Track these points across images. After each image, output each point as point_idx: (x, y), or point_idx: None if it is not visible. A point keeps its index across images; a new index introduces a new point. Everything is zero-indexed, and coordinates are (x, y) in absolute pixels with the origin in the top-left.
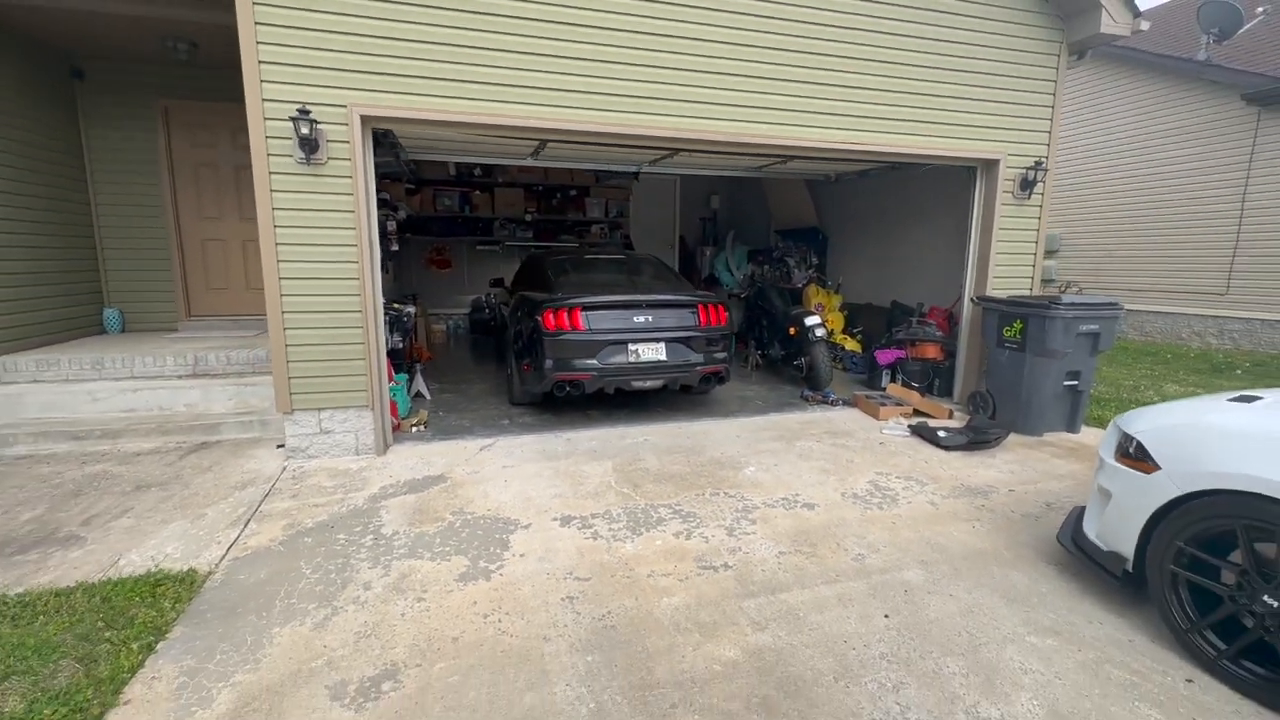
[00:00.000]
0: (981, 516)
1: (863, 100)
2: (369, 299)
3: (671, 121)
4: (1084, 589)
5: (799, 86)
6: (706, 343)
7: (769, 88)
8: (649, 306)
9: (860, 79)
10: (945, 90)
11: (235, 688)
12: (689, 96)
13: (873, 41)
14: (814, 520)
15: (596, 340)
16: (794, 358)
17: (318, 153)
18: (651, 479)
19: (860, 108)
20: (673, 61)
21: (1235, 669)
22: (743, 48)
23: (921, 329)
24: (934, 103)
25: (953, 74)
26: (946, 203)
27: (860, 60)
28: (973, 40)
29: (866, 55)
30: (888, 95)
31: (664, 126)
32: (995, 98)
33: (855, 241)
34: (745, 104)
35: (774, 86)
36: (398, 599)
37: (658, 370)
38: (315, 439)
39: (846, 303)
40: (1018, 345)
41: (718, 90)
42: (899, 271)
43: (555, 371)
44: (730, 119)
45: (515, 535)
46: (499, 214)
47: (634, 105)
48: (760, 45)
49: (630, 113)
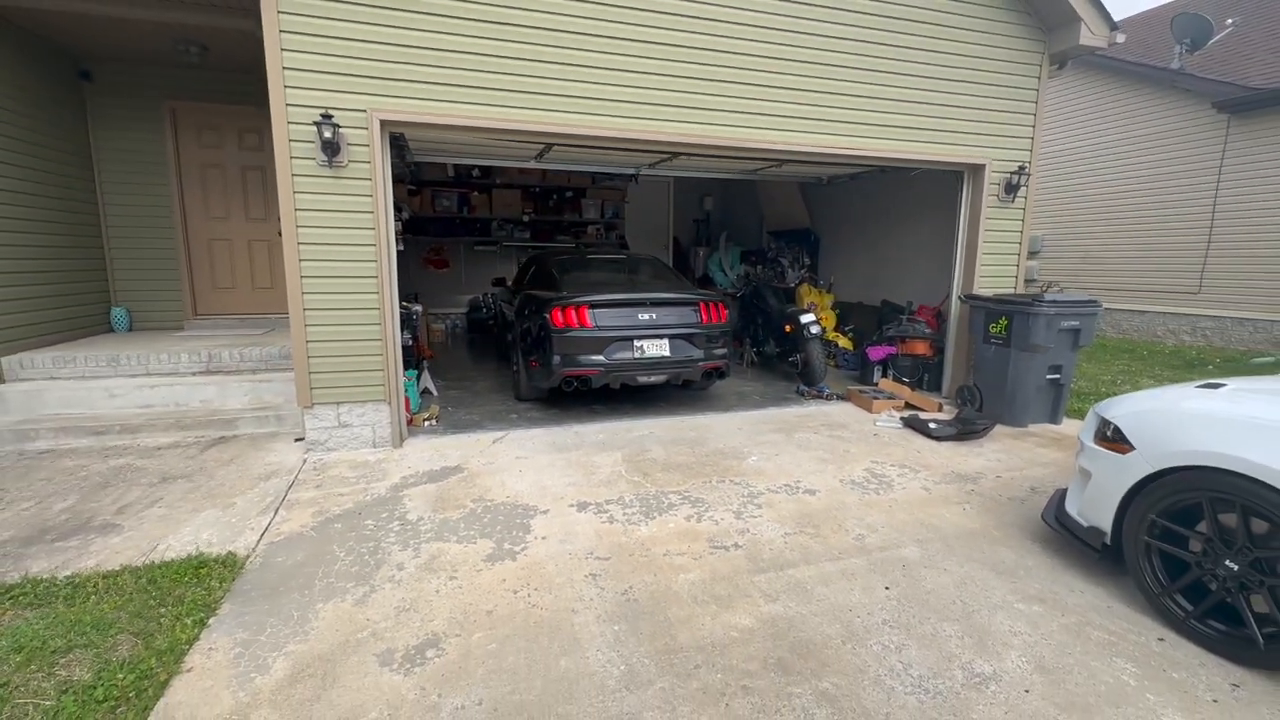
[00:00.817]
0: (971, 500)
1: (856, 107)
2: (386, 296)
3: (674, 126)
4: (1067, 562)
5: (796, 94)
6: (708, 339)
7: (768, 95)
8: (653, 304)
9: (854, 87)
10: (933, 98)
11: (289, 656)
12: (692, 103)
13: (866, 51)
14: (816, 504)
15: (603, 337)
16: (789, 354)
17: (339, 155)
18: (660, 468)
19: (853, 114)
20: (677, 70)
21: (1201, 627)
22: (743, 56)
23: (911, 326)
24: (923, 110)
25: (940, 82)
26: (935, 205)
27: (854, 69)
28: (959, 50)
29: (860, 64)
30: (879, 103)
31: (667, 131)
32: (981, 105)
33: (847, 242)
34: (745, 110)
35: (773, 94)
36: (430, 578)
37: (662, 366)
38: (334, 432)
39: (838, 301)
40: (1003, 341)
41: (719, 97)
42: (889, 271)
43: (564, 367)
44: (730, 124)
45: (535, 520)
46: (497, 214)
47: (639, 111)
48: (760, 55)
49: (635, 118)
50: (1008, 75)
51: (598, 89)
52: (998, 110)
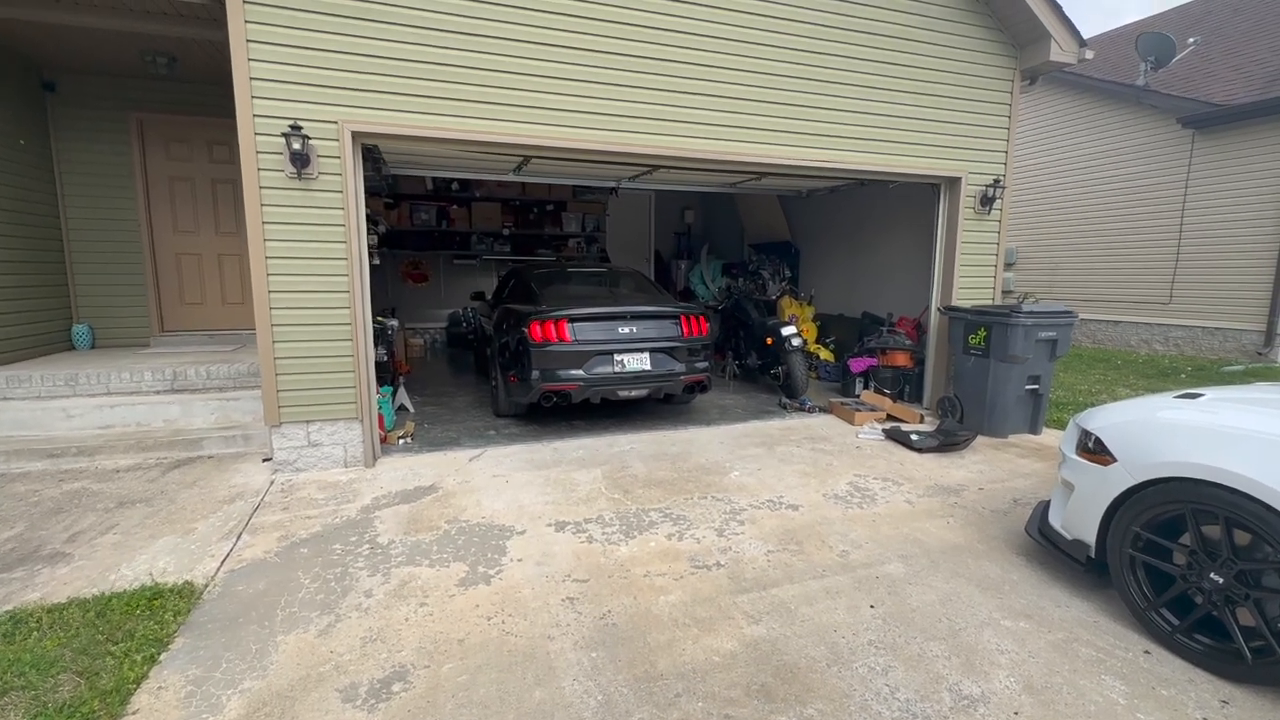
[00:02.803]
0: (955, 513)
1: (833, 120)
2: (358, 311)
3: (652, 139)
4: (1052, 576)
5: (773, 107)
6: (689, 352)
7: (745, 108)
8: (634, 318)
9: (832, 100)
10: (910, 112)
11: (244, 694)
12: (669, 116)
13: (842, 66)
14: (799, 520)
15: (583, 351)
16: (771, 367)
17: (309, 167)
18: (640, 484)
19: (831, 127)
20: (654, 83)
21: (1188, 641)
22: (721, 69)
23: (892, 338)
24: (899, 123)
25: (917, 96)
26: (913, 218)
27: (831, 84)
28: (934, 65)
29: (837, 79)
30: (857, 116)
31: (644, 145)
32: (956, 119)
33: (827, 254)
34: (722, 123)
35: (750, 107)
36: (400, 605)
37: (643, 380)
38: (304, 452)
39: (819, 313)
40: (982, 352)
41: (697, 110)
42: (869, 283)
43: (542, 382)
44: (708, 137)
45: (511, 541)
46: (476, 228)
47: (616, 124)
48: (737, 69)
49: (612, 130)
50: (982, 90)
51: (574, 101)
52: (972, 124)
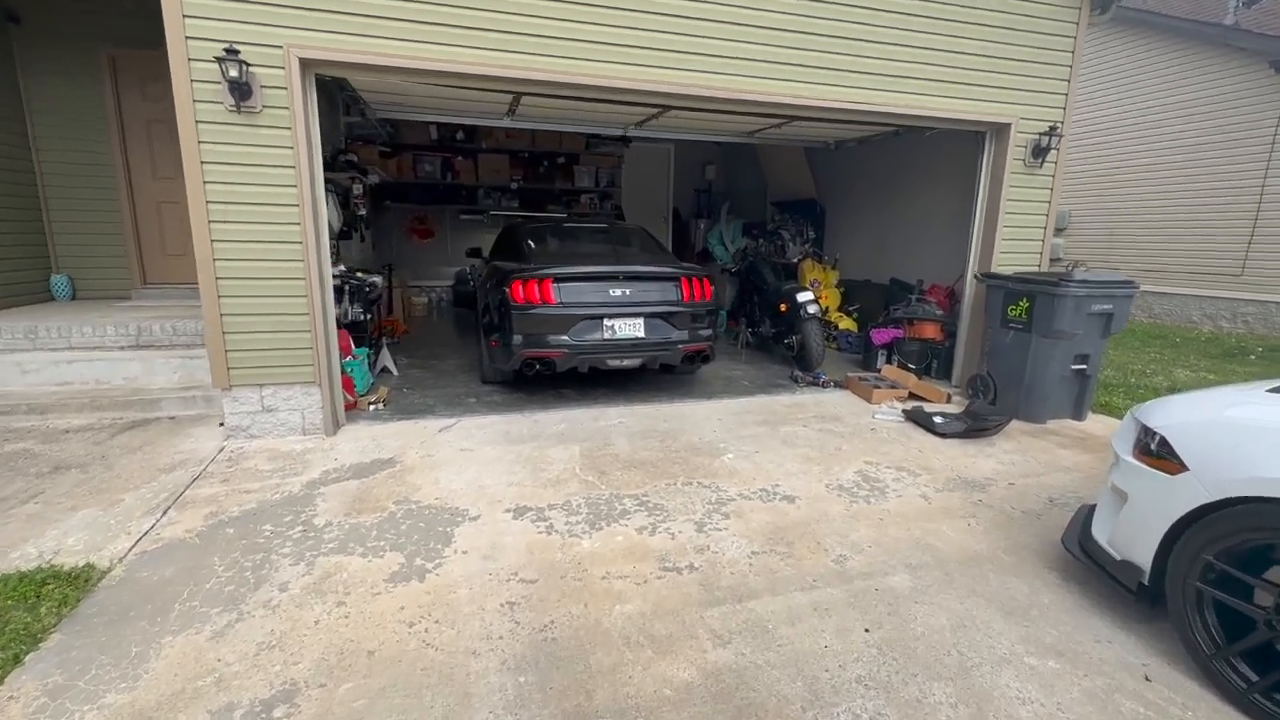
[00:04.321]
0: (978, 513)
1: (866, 55)
2: (314, 265)
3: (657, 74)
4: (1091, 601)
5: (799, 38)
6: (691, 319)
7: (769, 39)
8: (627, 279)
9: (863, 30)
10: (955, 45)
11: (102, 711)
12: (678, 46)
13: None
14: (793, 515)
15: (569, 314)
16: (785, 336)
17: (250, 99)
18: (620, 466)
19: (863, 63)
20: (659, 6)
21: (1268, 704)
22: None
23: (920, 307)
24: (943, 59)
25: (963, 27)
26: (951, 173)
27: (862, 9)
28: None
29: (874, 4)
30: (893, 50)
31: (649, 80)
32: (1008, 55)
33: (854, 214)
34: (739, 56)
35: (774, 38)
36: (315, 603)
37: (636, 349)
38: (257, 418)
39: (843, 279)
40: (1023, 325)
41: (710, 40)
42: (899, 246)
43: (524, 348)
44: (723, 72)
45: (461, 529)
46: (483, 181)
47: (615, 55)
48: None
49: (611, 63)
50: (1041, 20)
51: (570, 27)
52: (1028, 61)
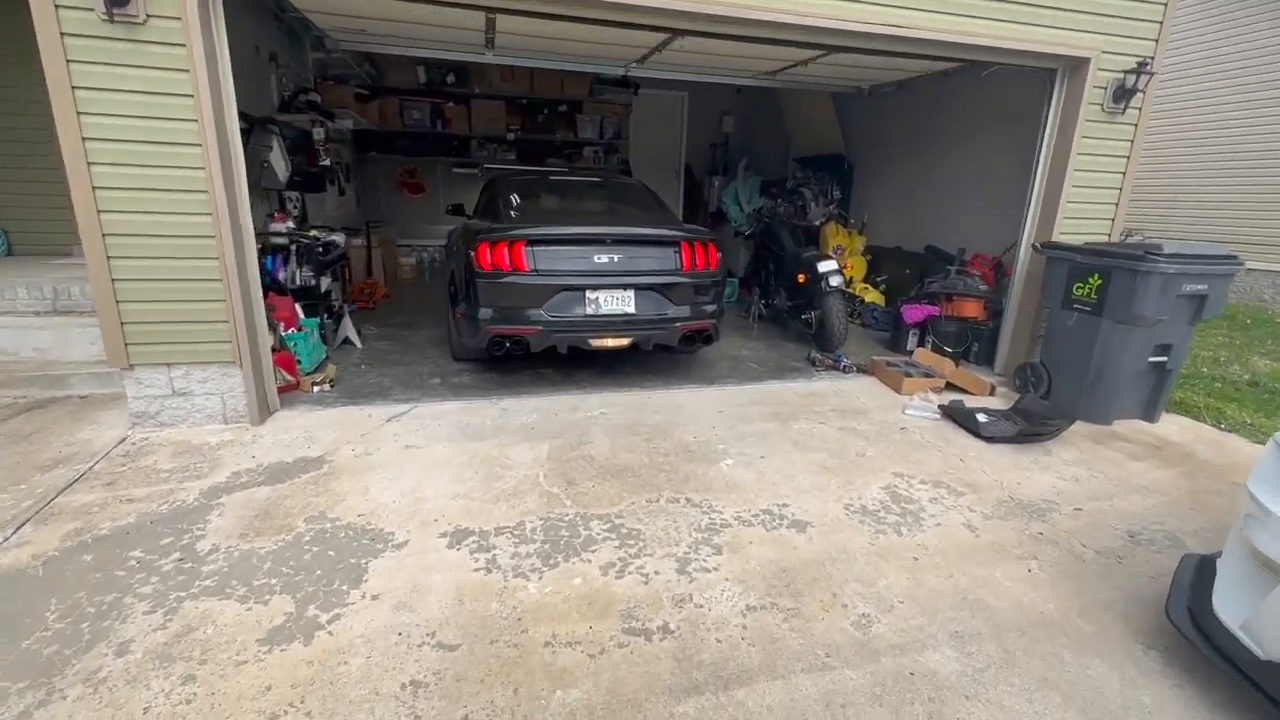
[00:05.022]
0: (1040, 551)
1: None
2: (224, 219)
3: None
4: (1213, 702)
5: None
6: (692, 291)
7: None
8: (616, 243)
9: None
10: None
11: None
12: None
13: None
14: (803, 550)
15: (544, 285)
16: (803, 310)
17: (127, 6)
18: (594, 473)
19: None
20: None
21: None
22: None
23: (961, 281)
24: None
25: None
26: (1006, 123)
27: None
28: None
29: None
30: None
31: None
32: None
33: (886, 172)
34: None
35: None
36: (155, 676)
37: (624, 326)
38: (167, 403)
39: (871, 245)
40: (1092, 307)
41: None
42: (938, 210)
43: (491, 324)
44: None
45: (379, 561)
46: (477, 131)
47: None
48: None
49: None
50: None
51: None
52: None
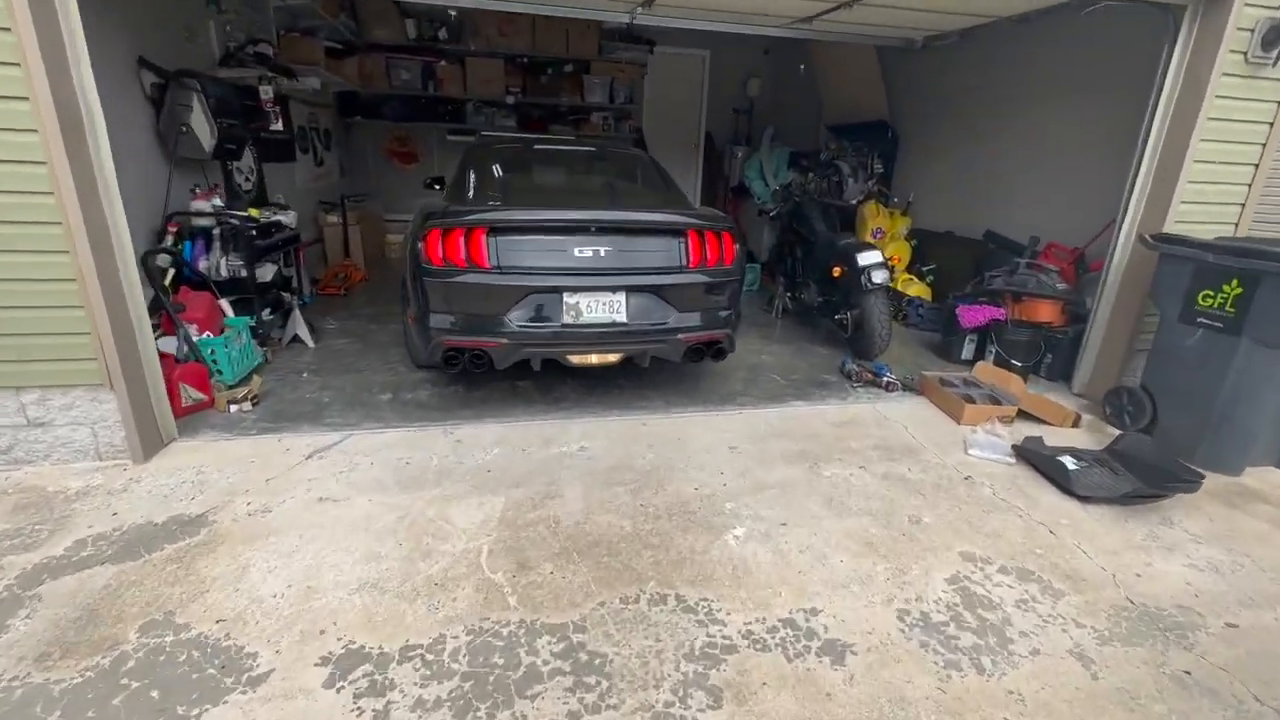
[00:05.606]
0: (1196, 713)
1: None
2: (70, 199)
3: None
4: None
5: None
6: (706, 291)
7: None
8: (604, 231)
9: None
10: None
11: None
12: None
13: None
14: (841, 699)
15: (508, 285)
16: (837, 308)
17: None
18: (557, 548)
19: None
20: None
21: None
22: None
23: (1034, 277)
24: None
25: None
26: (1104, 80)
27: None
28: None
29: None
30: None
31: None
32: None
33: (940, 141)
34: None
35: None
36: None
37: (613, 338)
38: (21, 435)
39: (916, 229)
40: (1226, 323)
41: None
42: (1003, 188)
43: (444, 334)
44: None
45: (218, 712)
46: (472, 93)
47: None
48: None
49: None
50: None
51: None
52: None
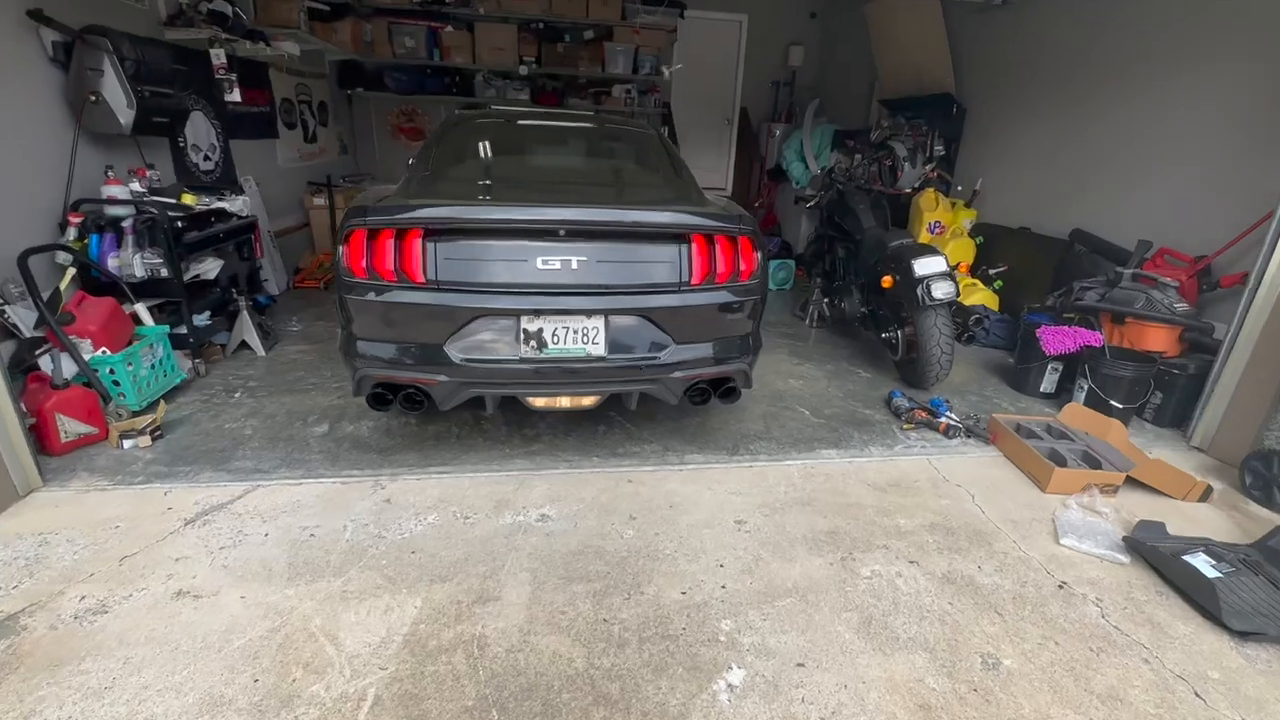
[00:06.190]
0: None
1: None
2: None
3: None
4: None
5: None
6: (715, 314)
7: None
8: (577, 235)
9: None
10: None
11: None
12: None
13: None
14: None
15: (448, 306)
16: (884, 324)
17: None
18: (471, 702)
19: None
20: None
21: None
22: None
23: (1142, 293)
24: None
25: None
26: (1248, 37)
27: None
28: None
29: None
30: None
31: None
32: None
33: (1017, 117)
34: None
35: None
36: None
37: (587, 376)
38: None
39: (983, 224)
40: None
41: None
42: (1100, 175)
43: (370, 367)
44: None
45: None
46: (482, 63)
47: None
48: None
49: None
50: None
51: None
52: None
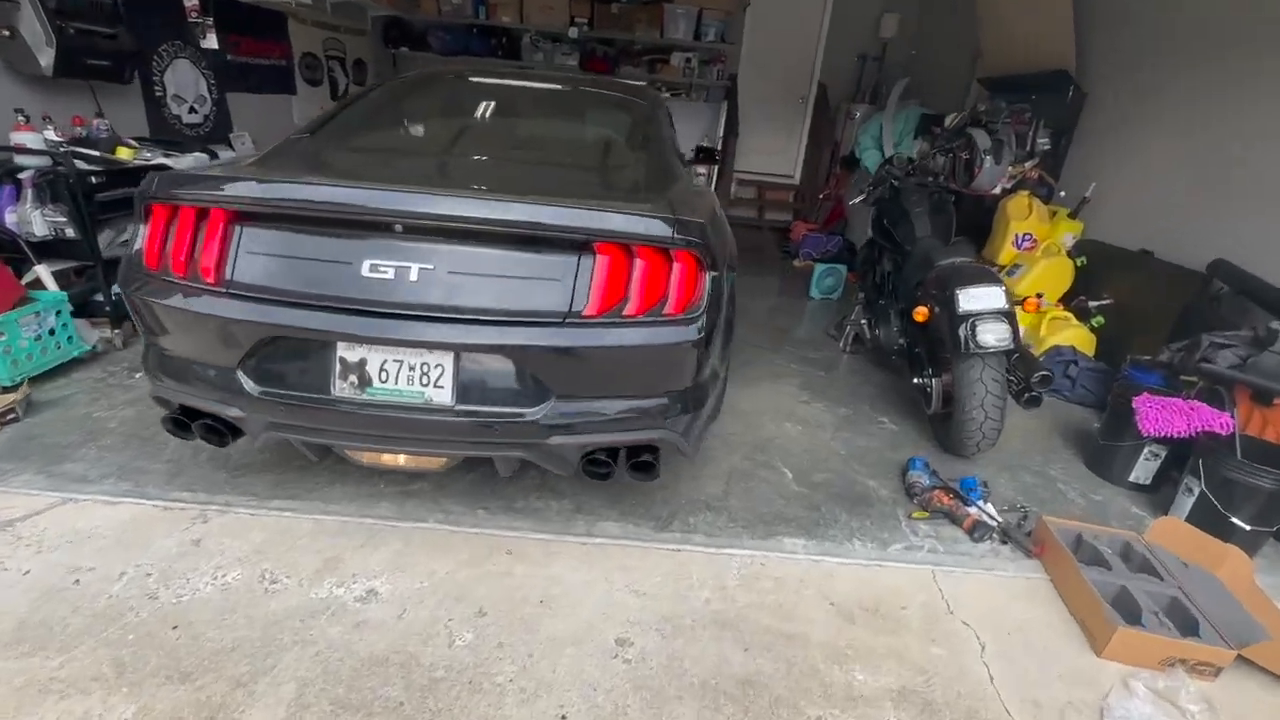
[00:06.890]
0: None
1: None
2: None
3: None
4: None
5: None
6: (632, 355)
7: None
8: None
9: None
10: None
11: None
12: None
13: None
14: None
15: (236, 320)
16: (921, 367)
17: None
18: None
19: None
20: None
21: None
22: None
23: None
24: None
25: None
26: None
27: None
28: None
29: None
30: None
31: None
32: None
33: (1154, 105)
34: None
35: None
36: None
37: (425, 431)
38: None
39: (1089, 240)
40: None
41: None
42: (1258, 188)
43: (161, 386)
44: None
45: None
46: (529, 23)
47: None
48: None
49: None
50: None
51: None
52: None
